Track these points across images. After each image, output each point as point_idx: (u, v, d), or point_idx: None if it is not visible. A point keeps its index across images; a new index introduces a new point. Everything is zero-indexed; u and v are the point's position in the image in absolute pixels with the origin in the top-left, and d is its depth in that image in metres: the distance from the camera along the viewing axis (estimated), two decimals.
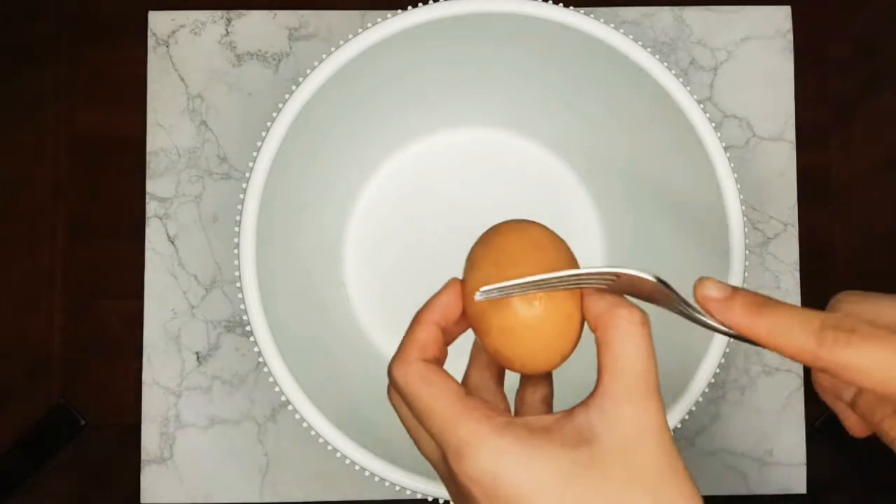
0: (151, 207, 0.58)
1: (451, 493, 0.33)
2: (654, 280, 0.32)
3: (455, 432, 0.30)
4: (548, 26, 0.44)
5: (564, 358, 0.34)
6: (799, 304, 0.58)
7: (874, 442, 0.58)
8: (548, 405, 0.36)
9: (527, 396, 0.36)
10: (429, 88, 0.52)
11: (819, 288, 0.59)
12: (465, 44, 0.47)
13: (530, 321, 0.32)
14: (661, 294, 0.33)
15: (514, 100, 0.53)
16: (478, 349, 0.36)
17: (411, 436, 0.34)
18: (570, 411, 0.31)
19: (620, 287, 0.33)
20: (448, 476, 0.32)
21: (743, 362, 0.58)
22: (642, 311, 0.32)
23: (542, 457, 0.30)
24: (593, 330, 0.33)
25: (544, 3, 0.43)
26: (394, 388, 0.33)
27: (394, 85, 0.50)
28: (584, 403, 0.31)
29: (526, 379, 0.36)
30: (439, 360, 0.33)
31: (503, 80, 0.51)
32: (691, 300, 0.33)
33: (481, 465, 0.30)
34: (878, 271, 0.60)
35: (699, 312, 0.32)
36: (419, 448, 0.34)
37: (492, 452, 0.30)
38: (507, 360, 0.33)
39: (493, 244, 0.34)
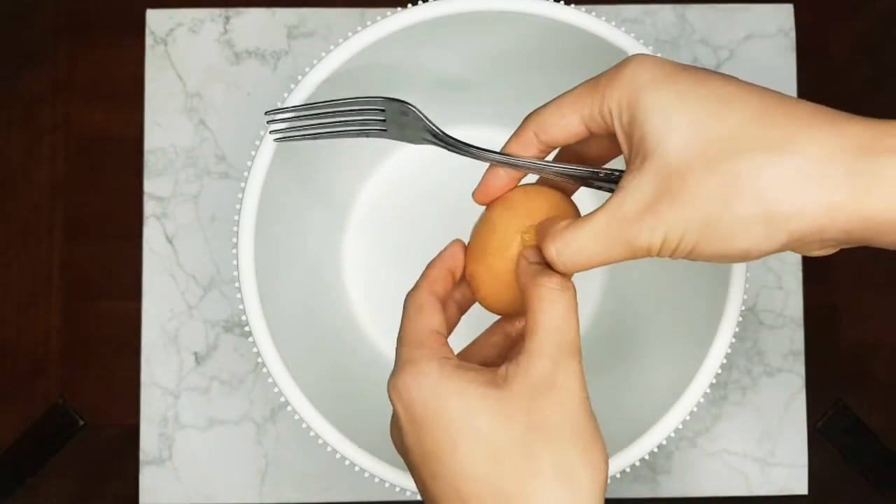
0: (149, 207, 0.58)
1: (391, 424, 0.37)
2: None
3: (403, 351, 0.35)
4: (549, 24, 0.44)
5: (507, 312, 0.39)
6: (801, 305, 0.58)
7: (876, 443, 0.58)
8: (498, 350, 0.39)
9: (482, 337, 0.40)
10: (429, 86, 0.52)
11: (821, 288, 0.59)
12: (465, 41, 0.47)
13: (501, 271, 0.37)
14: None
15: (514, 97, 0.53)
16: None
17: None
18: (497, 367, 0.34)
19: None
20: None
21: (745, 363, 0.58)
22: (563, 277, 0.34)
23: (454, 387, 0.33)
24: (522, 296, 0.35)
25: (544, 1, 0.43)
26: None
27: (393, 83, 0.49)
28: (507, 359, 0.34)
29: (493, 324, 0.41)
30: (443, 300, 0.37)
31: (504, 77, 0.51)
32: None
33: (404, 381, 0.33)
34: (879, 271, 0.59)
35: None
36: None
37: (415, 374, 0.33)
38: (476, 289, 0.38)
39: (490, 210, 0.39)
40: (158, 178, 0.58)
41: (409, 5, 0.43)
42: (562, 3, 0.43)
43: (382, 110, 0.39)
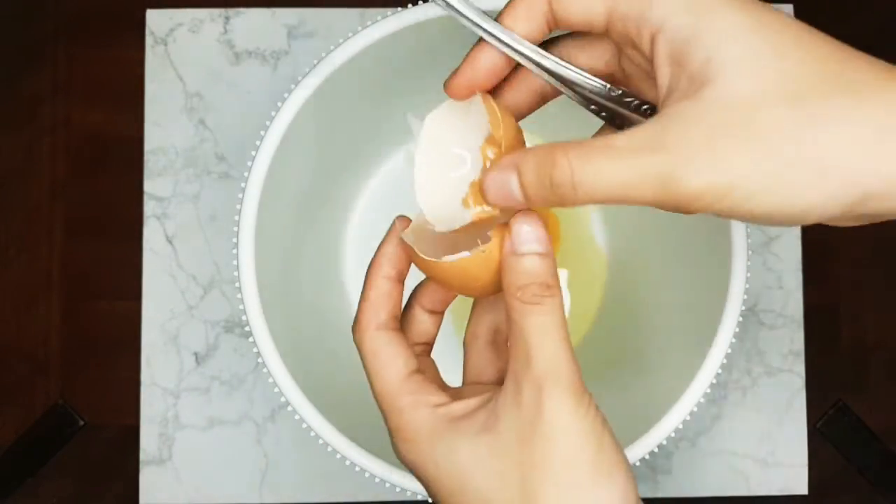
0: (149, 207, 0.58)
1: None
2: None
3: (386, 418, 0.32)
4: None
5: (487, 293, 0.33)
6: (801, 305, 0.58)
7: (876, 442, 0.58)
8: (493, 343, 0.35)
9: (476, 329, 0.35)
10: (429, 87, 0.52)
11: (821, 288, 0.59)
12: (466, 42, 0.47)
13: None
14: None
15: None
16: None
17: None
18: (489, 397, 0.31)
19: None
20: None
21: (745, 363, 0.58)
22: (550, 285, 0.30)
23: (445, 451, 0.30)
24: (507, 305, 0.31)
25: None
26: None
27: (393, 83, 0.49)
28: (500, 386, 0.31)
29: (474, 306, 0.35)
30: (397, 317, 0.33)
31: None
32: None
33: (401, 453, 0.32)
34: (880, 271, 0.59)
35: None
36: None
37: (407, 444, 0.31)
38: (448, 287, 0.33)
39: None
40: (158, 178, 0.58)
41: (410, 5, 0.43)
42: None
43: None
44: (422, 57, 0.48)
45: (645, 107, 0.32)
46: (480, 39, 0.31)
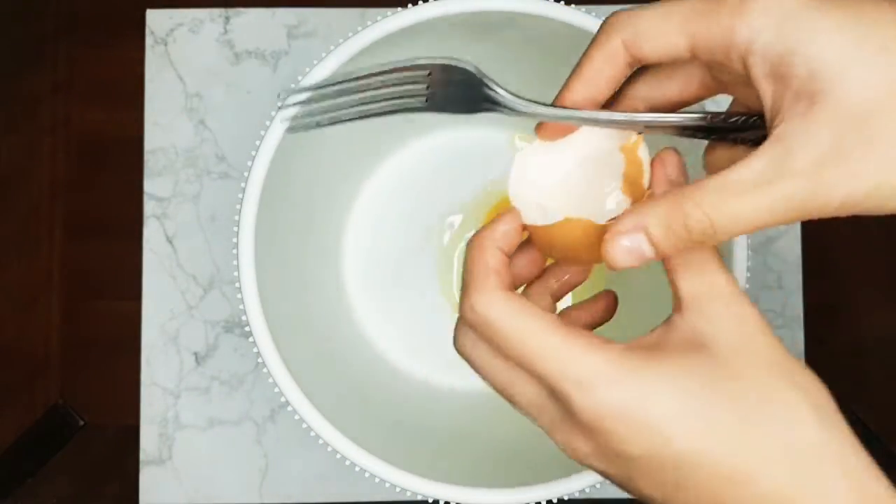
0: (149, 207, 0.58)
1: (564, 440, 0.30)
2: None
3: (572, 368, 0.28)
4: (550, 24, 0.43)
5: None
6: (801, 305, 0.58)
7: (876, 442, 0.58)
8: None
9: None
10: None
11: (821, 287, 0.59)
12: (465, 42, 0.47)
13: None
14: None
15: None
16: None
17: (496, 384, 0.31)
18: (668, 323, 0.30)
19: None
20: (561, 419, 0.29)
21: None
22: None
23: (670, 377, 0.28)
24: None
25: (545, 1, 0.43)
26: (471, 327, 0.30)
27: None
28: (677, 312, 0.30)
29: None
30: (512, 285, 0.31)
31: (505, 79, 0.51)
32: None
33: (612, 398, 0.27)
34: (880, 271, 0.59)
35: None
36: (511, 398, 0.30)
37: (619, 384, 0.27)
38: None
39: None
40: (158, 178, 0.58)
41: (410, 5, 0.43)
42: (562, 3, 0.43)
43: (428, 74, 0.31)
44: (422, 56, 0.48)
45: (753, 118, 0.31)
46: (569, 80, 0.31)
